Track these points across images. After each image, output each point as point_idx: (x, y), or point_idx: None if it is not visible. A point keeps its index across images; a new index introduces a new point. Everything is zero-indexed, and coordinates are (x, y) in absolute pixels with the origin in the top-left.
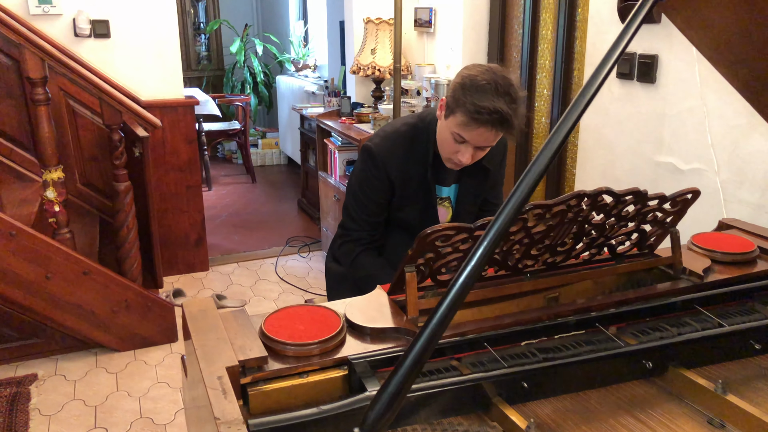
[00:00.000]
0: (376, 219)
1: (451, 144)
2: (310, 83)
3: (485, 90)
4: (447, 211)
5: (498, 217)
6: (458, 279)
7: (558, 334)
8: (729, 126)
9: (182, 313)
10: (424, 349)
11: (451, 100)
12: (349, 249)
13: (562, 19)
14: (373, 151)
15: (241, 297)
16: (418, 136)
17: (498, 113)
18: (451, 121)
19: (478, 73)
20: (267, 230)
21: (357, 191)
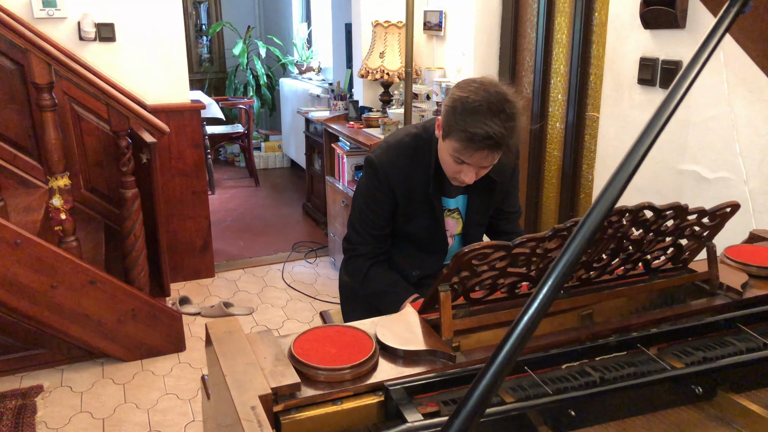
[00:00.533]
0: (380, 232)
1: (453, 165)
2: (315, 86)
3: (477, 111)
4: (457, 222)
5: (582, 226)
6: (542, 288)
7: (599, 356)
8: (759, 134)
9: (206, 334)
10: (504, 365)
11: (444, 123)
12: (358, 265)
13: (578, 23)
14: (375, 163)
15: (248, 304)
16: (421, 148)
17: (491, 139)
18: (448, 144)
19: (470, 93)
20: (272, 235)
21: (361, 204)
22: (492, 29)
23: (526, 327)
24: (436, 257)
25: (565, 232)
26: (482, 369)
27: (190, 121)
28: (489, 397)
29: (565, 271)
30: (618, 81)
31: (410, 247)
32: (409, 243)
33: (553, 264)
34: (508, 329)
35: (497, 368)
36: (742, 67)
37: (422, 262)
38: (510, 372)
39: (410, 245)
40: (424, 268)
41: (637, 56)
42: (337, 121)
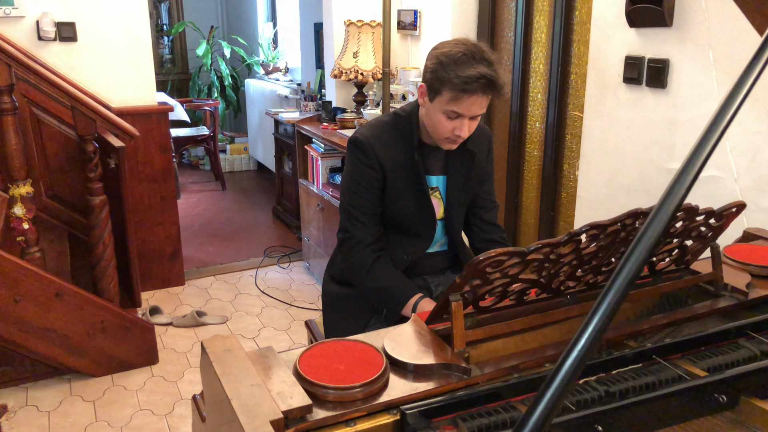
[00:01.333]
0: (375, 211)
1: (446, 123)
2: (283, 87)
3: (464, 61)
4: (439, 202)
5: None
6: (616, 280)
7: (616, 369)
8: (749, 132)
9: (202, 352)
10: (573, 371)
11: (433, 81)
12: (363, 256)
13: (558, 22)
14: (360, 140)
15: (221, 313)
16: (402, 124)
17: (485, 77)
18: (440, 101)
19: (451, 48)
20: (242, 240)
21: (351, 186)
22: (469, 28)
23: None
24: (423, 239)
25: (579, 237)
26: (549, 377)
27: (158, 124)
28: (558, 406)
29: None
30: (602, 80)
31: (398, 233)
32: (397, 228)
33: (624, 259)
34: (574, 337)
35: (565, 376)
36: (731, 65)
37: (410, 246)
38: (532, 387)
39: (397, 230)
40: (413, 252)
41: (622, 55)
42: (309, 122)
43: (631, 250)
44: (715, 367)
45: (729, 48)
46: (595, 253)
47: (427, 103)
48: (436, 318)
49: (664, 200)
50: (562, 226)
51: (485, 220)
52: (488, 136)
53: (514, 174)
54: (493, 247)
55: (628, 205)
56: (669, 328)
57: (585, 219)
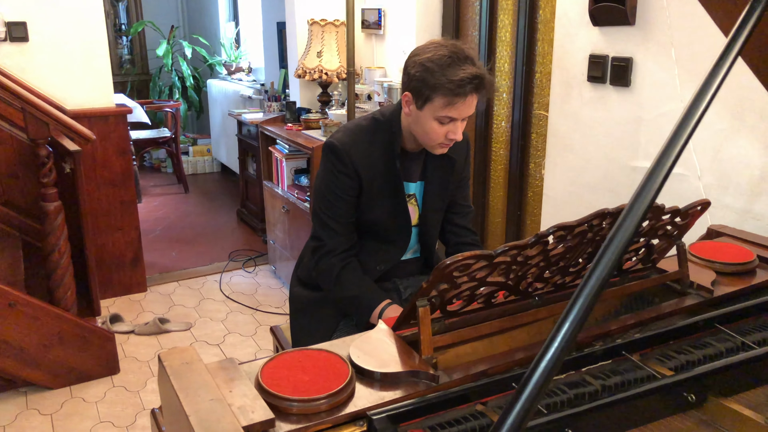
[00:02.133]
0: (348, 220)
1: (438, 129)
2: (246, 87)
3: (450, 64)
4: (414, 209)
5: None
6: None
7: (584, 366)
8: (712, 130)
9: (159, 365)
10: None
11: (421, 88)
12: (330, 265)
13: (522, 21)
14: (337, 146)
15: (185, 320)
16: (381, 129)
17: (477, 77)
18: (431, 108)
19: (433, 53)
20: (206, 244)
21: (325, 193)
22: (434, 27)
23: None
24: (398, 247)
25: (547, 239)
26: (523, 380)
27: (116, 127)
28: (533, 409)
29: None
30: (567, 78)
31: (372, 240)
32: (371, 235)
33: (595, 262)
34: (547, 340)
35: (541, 377)
36: (693, 63)
37: (385, 254)
38: (500, 389)
39: (372, 238)
40: (386, 261)
41: (586, 53)
42: (273, 123)
43: (602, 253)
44: (682, 366)
45: (691, 46)
46: (563, 254)
47: (415, 111)
48: (403, 324)
49: (634, 202)
50: (529, 226)
51: (459, 225)
52: (467, 142)
53: (482, 173)
54: (465, 250)
55: (593, 203)
56: (637, 328)
57: (551, 218)
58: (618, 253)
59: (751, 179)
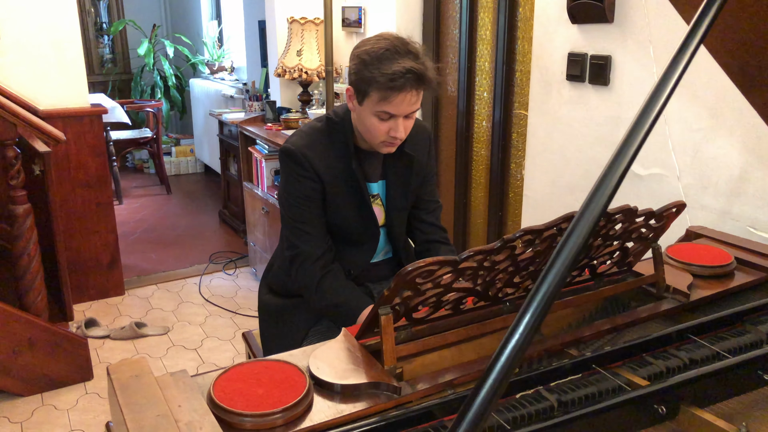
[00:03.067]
0: (320, 221)
1: (379, 125)
2: (228, 87)
3: (387, 57)
4: (380, 209)
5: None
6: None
7: (554, 381)
8: (690, 130)
9: (108, 380)
10: None
11: (358, 82)
12: (310, 274)
13: (502, 19)
14: (293, 151)
15: (162, 324)
16: (335, 129)
17: (412, 72)
18: (369, 103)
19: (372, 45)
20: (187, 246)
21: (290, 201)
22: (414, 26)
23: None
24: (367, 249)
25: (514, 243)
26: (468, 398)
27: (91, 127)
28: None
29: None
30: (546, 77)
31: (340, 244)
32: (339, 238)
33: (544, 272)
34: (494, 354)
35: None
36: None
37: (354, 257)
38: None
39: (340, 241)
40: (355, 266)
41: (565, 52)
42: (253, 123)
43: (551, 262)
44: (656, 375)
45: (669, 44)
46: (532, 258)
47: (357, 107)
48: (367, 332)
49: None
50: (510, 226)
51: (427, 221)
52: (428, 135)
53: (463, 174)
54: (435, 248)
55: (573, 204)
56: (610, 334)
57: (531, 219)
58: (568, 263)
59: (730, 179)
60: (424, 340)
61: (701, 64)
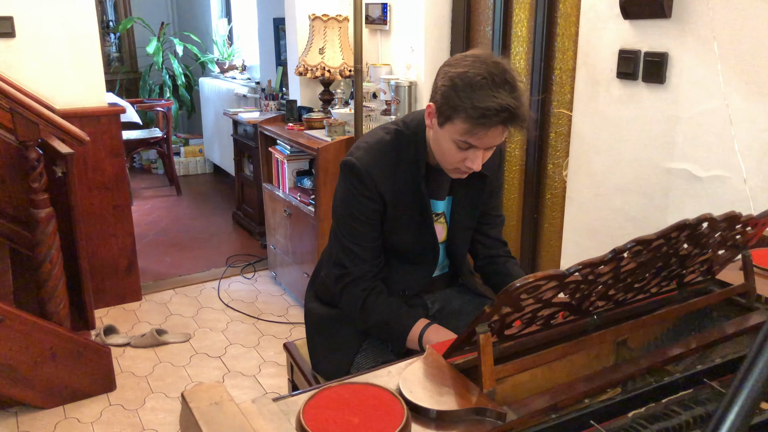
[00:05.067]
0: (374, 243)
1: (455, 153)
2: (240, 86)
3: (482, 86)
4: (443, 227)
5: None
6: None
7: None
8: (759, 130)
9: (183, 405)
10: None
11: (444, 106)
12: (354, 296)
13: (541, 16)
14: (358, 166)
15: (183, 330)
16: (405, 145)
17: (507, 110)
18: (450, 128)
19: (467, 68)
20: (202, 249)
21: (345, 216)
22: (443, 22)
23: None
24: (424, 270)
25: (623, 255)
26: None
27: (108, 128)
28: None
29: None
30: (593, 75)
31: (396, 263)
32: (395, 257)
33: None
34: None
35: None
36: (738, 59)
37: (411, 277)
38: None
39: (396, 260)
40: (412, 285)
41: (615, 48)
42: (273, 122)
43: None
44: None
45: (735, 40)
46: (633, 270)
47: (435, 127)
48: (456, 350)
49: None
50: (546, 229)
51: (490, 236)
52: (500, 149)
53: None
54: (500, 262)
55: (622, 206)
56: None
57: (575, 221)
58: None
59: None
60: (523, 359)
61: None
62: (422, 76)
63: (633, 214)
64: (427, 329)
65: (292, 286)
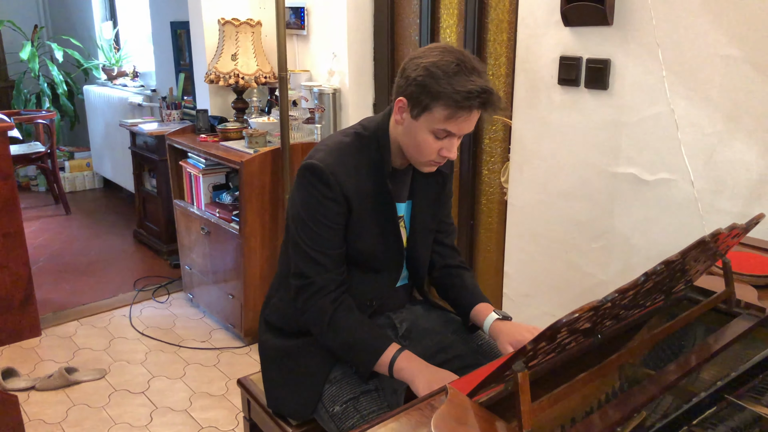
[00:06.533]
0: (338, 251)
1: (432, 144)
2: (134, 94)
3: (457, 72)
4: (403, 232)
5: None
6: None
7: (695, 419)
8: (704, 134)
9: None
10: None
11: (421, 96)
12: (320, 308)
13: (471, 22)
14: (321, 167)
15: (96, 366)
16: (367, 146)
17: (486, 92)
18: (428, 118)
19: (439, 57)
20: (104, 273)
21: (308, 222)
22: (365, 28)
23: None
24: (389, 278)
25: (655, 276)
26: None
27: None
28: None
29: None
30: (533, 82)
31: (359, 272)
32: (358, 267)
33: None
34: None
35: None
36: (682, 66)
37: (376, 286)
38: None
39: (359, 269)
40: (377, 295)
41: (555, 55)
42: (182, 134)
43: None
44: None
45: (678, 48)
46: (649, 289)
47: (408, 121)
48: (482, 389)
49: None
50: (483, 235)
51: (446, 244)
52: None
53: None
54: (457, 273)
55: (568, 211)
56: (706, 363)
57: (518, 227)
58: None
59: (749, 183)
60: (557, 393)
61: (717, 69)
62: (346, 82)
63: (579, 219)
64: (398, 356)
65: (212, 308)
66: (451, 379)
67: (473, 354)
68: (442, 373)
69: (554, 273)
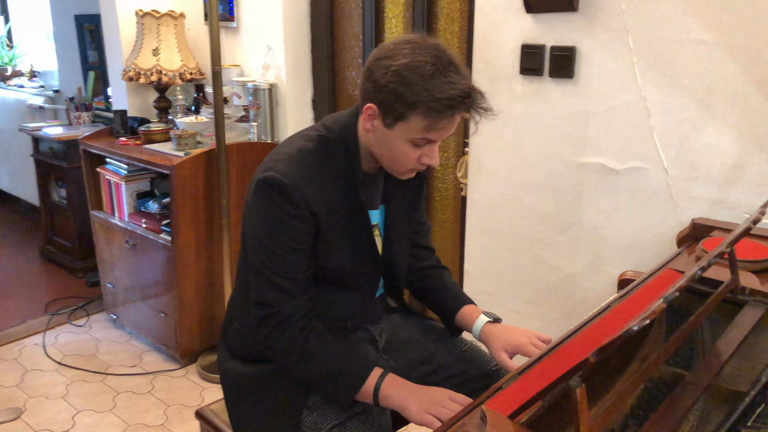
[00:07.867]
0: (305, 274)
1: (410, 153)
2: (33, 95)
3: (433, 74)
4: (378, 241)
5: None
6: None
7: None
8: (676, 121)
9: None
10: None
11: (395, 104)
12: (289, 340)
13: (420, 11)
14: (282, 182)
15: (9, 405)
16: (332, 152)
17: (469, 95)
18: (405, 127)
19: (410, 58)
20: (9, 297)
21: (270, 245)
22: (302, 19)
23: None
24: (366, 293)
25: None
26: None
27: None
28: None
29: None
30: (492, 72)
31: (332, 292)
32: (330, 285)
33: None
34: None
35: None
36: (652, 52)
37: (352, 304)
38: None
39: (332, 288)
40: (354, 313)
41: (516, 44)
42: (98, 138)
43: None
44: None
45: (649, 34)
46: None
47: (381, 129)
48: (525, 409)
49: None
50: (437, 232)
51: (421, 245)
52: None
53: None
54: (432, 275)
55: (532, 205)
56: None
57: (478, 224)
58: None
59: (723, 168)
60: (609, 407)
61: (690, 54)
62: (283, 76)
63: (544, 212)
64: (382, 383)
65: (140, 328)
66: (443, 396)
67: (457, 362)
68: (432, 392)
69: (518, 268)
